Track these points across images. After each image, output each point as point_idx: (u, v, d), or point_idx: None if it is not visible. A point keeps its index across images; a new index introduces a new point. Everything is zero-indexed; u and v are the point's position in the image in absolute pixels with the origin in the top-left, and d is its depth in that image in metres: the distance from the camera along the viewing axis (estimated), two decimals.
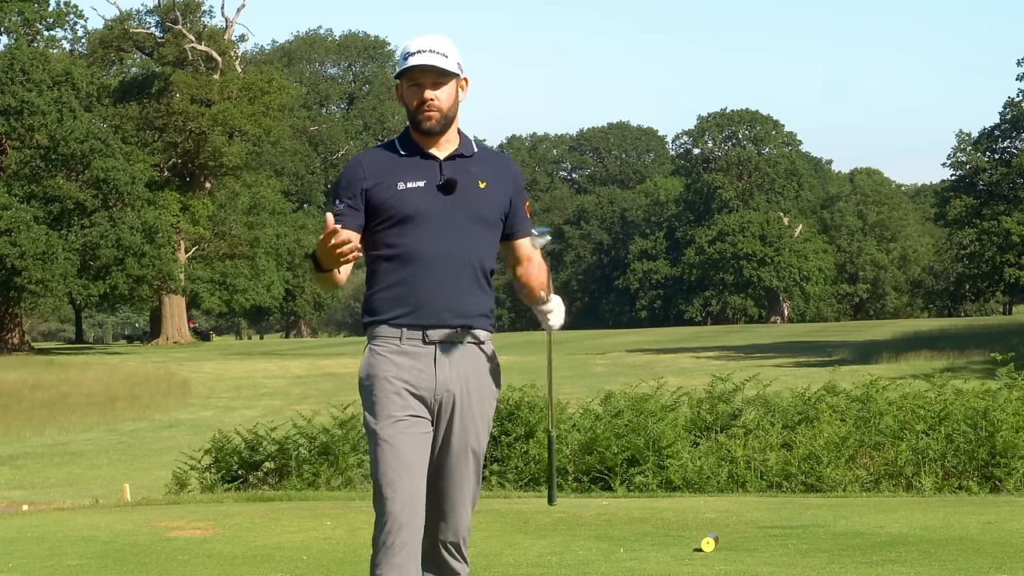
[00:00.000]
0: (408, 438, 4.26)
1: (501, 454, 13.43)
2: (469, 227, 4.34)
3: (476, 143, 4.49)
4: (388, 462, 4.24)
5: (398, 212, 4.29)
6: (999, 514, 8.56)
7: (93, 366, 47.92)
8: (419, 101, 4.32)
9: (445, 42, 4.35)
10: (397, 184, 4.32)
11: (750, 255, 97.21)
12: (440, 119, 4.33)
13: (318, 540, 8.29)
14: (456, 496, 4.37)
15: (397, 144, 4.43)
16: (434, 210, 4.31)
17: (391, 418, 4.26)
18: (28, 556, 7.95)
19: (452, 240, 4.31)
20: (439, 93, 4.32)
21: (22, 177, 58.60)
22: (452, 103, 4.36)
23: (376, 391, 4.30)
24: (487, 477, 13.19)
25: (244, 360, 51.94)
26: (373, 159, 4.40)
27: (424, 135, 4.37)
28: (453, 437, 4.35)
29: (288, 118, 79.59)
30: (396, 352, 4.32)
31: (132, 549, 8.14)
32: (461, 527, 4.39)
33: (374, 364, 4.34)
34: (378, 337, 4.35)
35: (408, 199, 4.31)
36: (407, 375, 4.30)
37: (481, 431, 4.40)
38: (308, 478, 13.80)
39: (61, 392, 39.39)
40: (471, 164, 4.41)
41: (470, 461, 4.38)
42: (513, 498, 11.43)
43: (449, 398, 4.33)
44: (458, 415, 4.34)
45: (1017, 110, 71.60)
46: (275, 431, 14.79)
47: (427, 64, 4.29)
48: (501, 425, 13.57)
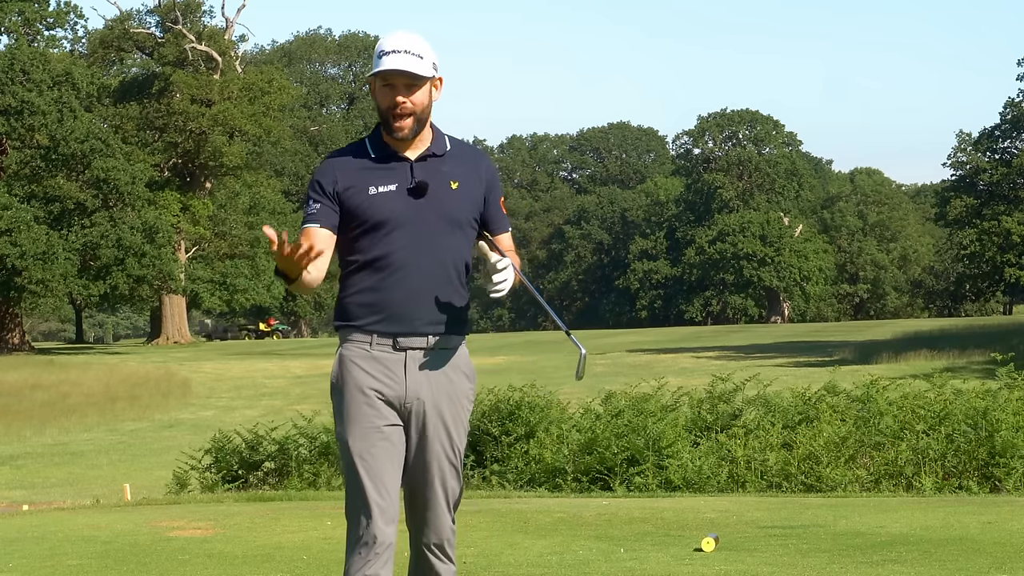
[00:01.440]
0: (382, 451, 4.23)
1: (501, 454, 13.43)
2: (442, 230, 4.27)
3: (449, 139, 4.40)
4: (362, 476, 4.21)
5: (370, 218, 4.23)
6: (999, 514, 8.56)
7: (93, 366, 47.93)
8: (391, 104, 4.23)
9: (420, 42, 4.25)
10: (368, 189, 4.25)
11: (750, 255, 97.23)
12: (412, 125, 4.25)
13: (318, 540, 8.29)
14: (433, 500, 4.33)
15: (368, 145, 4.35)
16: (406, 215, 4.25)
17: (364, 431, 4.23)
18: (28, 556, 7.95)
19: (424, 245, 4.25)
20: (413, 97, 4.23)
21: (22, 177, 58.61)
22: (426, 105, 4.27)
23: (348, 401, 4.26)
24: (487, 477, 13.20)
25: (244, 360, 51.96)
26: (344, 163, 4.32)
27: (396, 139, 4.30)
28: (426, 443, 4.31)
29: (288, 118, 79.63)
30: (366, 358, 4.28)
31: (132, 549, 8.14)
32: (443, 529, 4.35)
33: (345, 370, 4.30)
34: (348, 342, 4.31)
35: (380, 204, 4.24)
36: (377, 383, 4.26)
37: (455, 435, 4.35)
38: (308, 478, 13.81)
39: (61, 392, 39.40)
40: (443, 163, 4.33)
41: (445, 465, 4.33)
42: (513, 498, 11.43)
43: (420, 405, 4.29)
44: (430, 421, 4.30)
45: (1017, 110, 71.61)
46: (275, 431, 14.81)
47: (400, 69, 4.19)
48: (502, 425, 13.58)
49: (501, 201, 4.45)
